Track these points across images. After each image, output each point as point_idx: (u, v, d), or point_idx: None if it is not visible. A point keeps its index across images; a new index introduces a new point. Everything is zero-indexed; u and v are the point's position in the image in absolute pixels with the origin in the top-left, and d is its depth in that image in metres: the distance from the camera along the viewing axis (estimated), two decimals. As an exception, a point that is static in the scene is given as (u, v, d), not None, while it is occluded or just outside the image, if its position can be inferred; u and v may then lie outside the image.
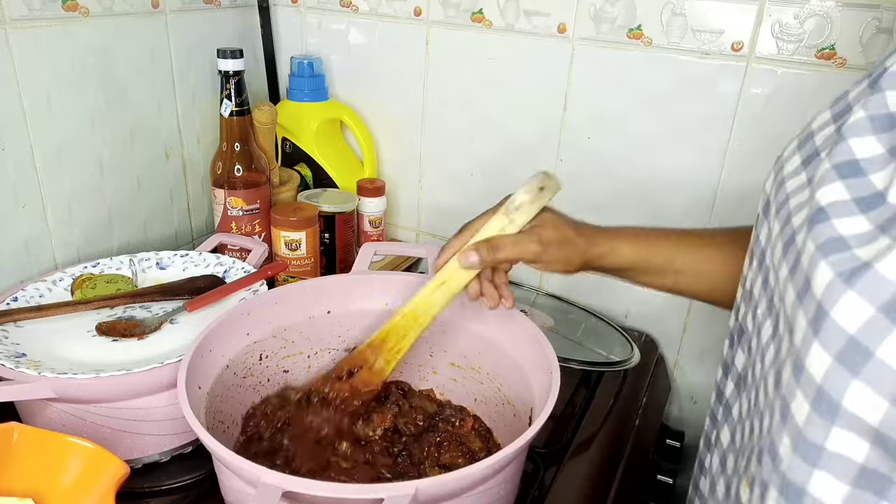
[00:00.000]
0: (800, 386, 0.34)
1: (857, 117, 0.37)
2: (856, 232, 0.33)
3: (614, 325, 0.93)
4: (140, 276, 0.79)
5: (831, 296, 0.32)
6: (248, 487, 0.46)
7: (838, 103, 0.42)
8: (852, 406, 0.31)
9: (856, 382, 0.30)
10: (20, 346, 0.63)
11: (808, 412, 0.33)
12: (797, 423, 0.34)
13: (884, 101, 0.36)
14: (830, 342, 0.32)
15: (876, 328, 0.30)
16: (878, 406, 0.30)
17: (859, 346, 0.30)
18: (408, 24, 0.97)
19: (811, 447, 0.33)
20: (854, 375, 0.30)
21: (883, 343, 0.29)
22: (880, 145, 0.35)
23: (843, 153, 0.36)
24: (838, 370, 0.31)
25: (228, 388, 0.61)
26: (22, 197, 0.76)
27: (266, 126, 0.90)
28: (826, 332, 0.32)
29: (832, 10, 0.73)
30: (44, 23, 0.74)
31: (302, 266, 0.87)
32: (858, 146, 0.36)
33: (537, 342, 0.60)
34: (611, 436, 0.76)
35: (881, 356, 0.29)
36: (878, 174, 0.34)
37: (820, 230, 0.35)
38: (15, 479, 0.49)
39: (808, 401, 0.33)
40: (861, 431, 0.31)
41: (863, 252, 0.32)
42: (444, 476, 0.44)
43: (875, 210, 0.33)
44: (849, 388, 0.31)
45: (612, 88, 0.87)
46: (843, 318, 0.31)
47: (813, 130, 0.42)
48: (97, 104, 0.82)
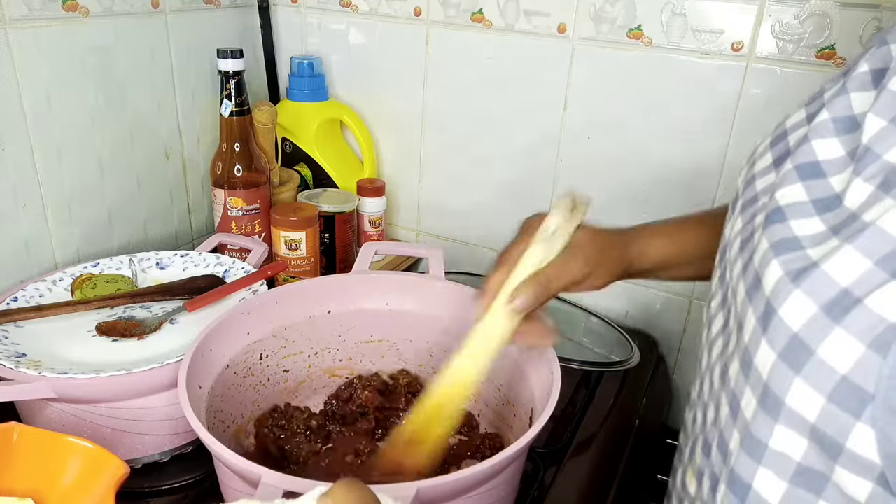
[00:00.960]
0: (748, 383, 0.34)
1: (822, 119, 0.37)
2: (809, 233, 0.33)
3: (614, 325, 0.93)
4: (140, 276, 0.78)
5: (779, 294, 0.32)
6: (248, 487, 0.46)
7: (813, 102, 0.42)
8: (794, 403, 0.31)
9: (797, 380, 0.31)
10: (20, 346, 0.63)
11: (755, 409, 0.34)
12: (745, 419, 0.35)
13: (848, 102, 0.36)
14: (776, 340, 0.32)
15: (818, 326, 0.30)
16: (815, 402, 0.30)
17: (802, 344, 0.30)
18: (408, 24, 0.97)
19: (756, 444, 0.34)
20: (796, 373, 0.31)
21: (824, 342, 0.29)
22: (842, 147, 0.35)
23: (805, 154, 0.36)
24: (782, 368, 0.31)
25: (229, 388, 0.61)
26: (22, 197, 0.76)
27: (266, 126, 0.90)
28: (773, 330, 0.32)
29: (832, 10, 0.73)
30: (44, 23, 0.74)
31: (302, 266, 0.87)
32: (821, 148, 0.36)
33: (537, 342, 0.60)
34: (611, 436, 0.76)
35: (821, 354, 0.29)
36: (838, 176, 0.34)
37: (775, 230, 0.35)
38: (15, 479, 0.49)
39: (756, 397, 0.34)
40: (800, 429, 0.31)
41: (813, 252, 0.32)
42: (444, 477, 0.44)
43: (831, 212, 0.33)
44: (791, 385, 0.31)
45: (612, 88, 0.87)
46: (789, 315, 0.31)
47: (787, 129, 0.42)
48: (97, 104, 0.82)
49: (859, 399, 0.28)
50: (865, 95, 0.35)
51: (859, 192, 0.32)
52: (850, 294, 0.29)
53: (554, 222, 0.52)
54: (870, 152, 0.32)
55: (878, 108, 0.33)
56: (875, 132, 0.32)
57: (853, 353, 0.28)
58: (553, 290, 0.51)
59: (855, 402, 0.28)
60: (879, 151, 0.32)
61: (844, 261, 0.30)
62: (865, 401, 0.28)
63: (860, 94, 0.35)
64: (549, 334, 0.53)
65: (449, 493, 0.46)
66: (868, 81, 0.35)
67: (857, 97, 0.35)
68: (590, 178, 0.93)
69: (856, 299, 0.29)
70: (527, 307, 0.50)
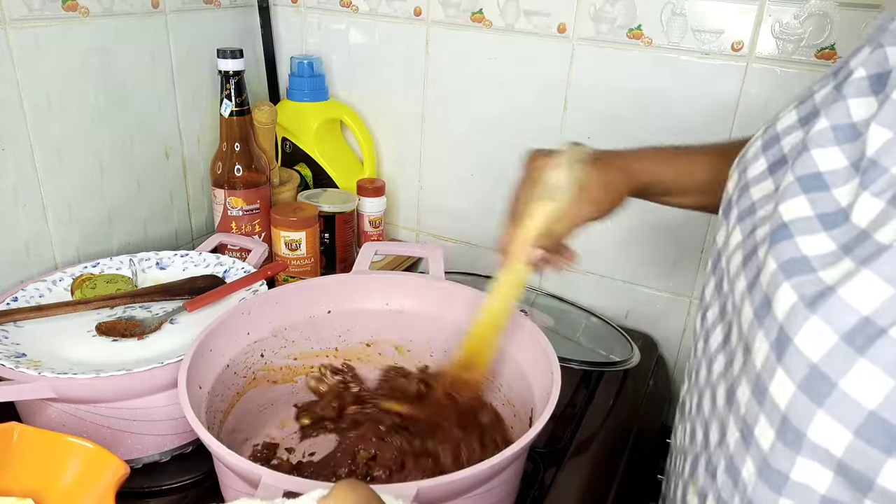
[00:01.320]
0: (763, 411, 0.33)
1: (821, 127, 0.35)
2: (819, 252, 0.32)
3: (614, 325, 0.93)
4: (140, 276, 0.78)
5: (794, 321, 0.31)
6: (248, 487, 0.46)
7: (804, 104, 0.40)
8: (817, 437, 0.30)
9: (820, 413, 0.29)
10: (20, 346, 0.63)
11: (773, 440, 0.33)
12: (762, 449, 0.34)
13: (846, 109, 0.35)
14: (794, 370, 0.31)
15: (839, 357, 0.29)
16: (842, 437, 0.29)
17: (823, 376, 0.29)
18: (408, 24, 0.97)
19: (776, 475, 0.33)
20: (818, 406, 0.30)
21: (846, 375, 0.28)
22: (844, 157, 0.34)
23: (806, 165, 0.35)
24: (802, 400, 0.30)
25: (229, 388, 0.61)
26: (22, 197, 0.76)
27: (266, 126, 0.90)
28: (789, 359, 0.31)
29: (832, 10, 0.73)
30: (44, 23, 0.74)
31: (302, 266, 0.87)
32: (822, 158, 0.35)
33: (537, 342, 0.60)
34: (611, 436, 0.76)
35: (844, 388, 0.28)
36: (842, 189, 0.33)
37: (782, 248, 0.34)
38: (15, 479, 0.49)
39: (773, 428, 0.33)
40: (825, 461, 0.30)
41: (826, 275, 0.31)
42: (444, 477, 0.44)
43: (838, 228, 0.32)
44: (813, 418, 0.30)
45: (612, 88, 0.87)
46: (807, 345, 0.30)
47: (779, 133, 0.41)
48: (97, 104, 0.82)
49: (890, 435, 0.27)
50: (864, 102, 0.34)
51: (869, 208, 0.31)
52: (873, 323, 0.28)
53: (557, 177, 0.55)
54: (876, 165, 0.31)
55: (882, 118, 0.32)
56: (881, 144, 0.31)
57: (881, 387, 0.27)
58: (563, 238, 0.56)
59: (886, 438, 0.27)
60: (887, 165, 0.31)
61: (863, 287, 0.29)
62: None
63: (859, 101, 0.34)
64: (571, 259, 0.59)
65: (449, 493, 0.46)
66: (866, 87, 0.34)
67: (856, 103, 0.34)
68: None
69: (880, 329, 0.28)
70: (541, 259, 0.56)
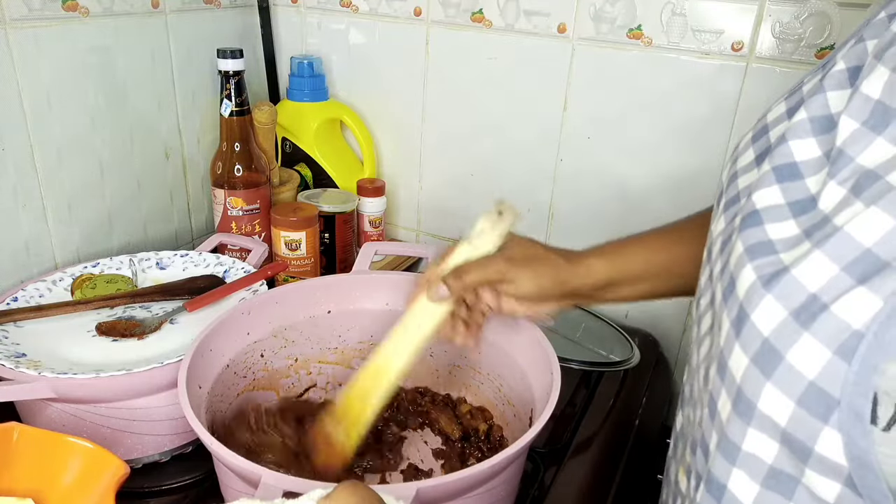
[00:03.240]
0: (724, 385, 0.35)
1: (800, 118, 0.36)
2: (783, 236, 0.33)
3: (614, 325, 0.93)
4: (140, 276, 0.78)
5: (751, 298, 0.33)
6: (248, 487, 0.46)
7: (793, 95, 0.41)
8: (765, 407, 0.31)
9: (768, 385, 0.31)
10: (20, 346, 0.63)
11: (729, 411, 0.34)
12: (721, 421, 0.35)
13: (825, 101, 0.36)
14: (748, 344, 0.32)
15: (787, 332, 0.30)
16: (786, 407, 0.30)
17: (772, 349, 0.31)
18: (408, 24, 0.97)
19: (731, 445, 0.34)
20: (767, 378, 0.31)
21: (792, 347, 0.30)
22: (818, 148, 0.35)
23: (783, 155, 0.36)
24: (754, 372, 0.32)
25: (229, 388, 0.61)
26: (22, 197, 0.76)
27: (266, 126, 0.90)
28: (745, 334, 0.32)
29: (832, 10, 0.73)
30: (44, 23, 0.74)
31: (302, 266, 0.87)
32: (798, 148, 0.36)
33: (537, 342, 0.60)
34: (611, 436, 0.76)
35: (790, 360, 0.30)
36: (813, 178, 0.34)
37: (751, 233, 0.35)
38: (15, 479, 0.49)
39: (731, 400, 0.34)
40: (772, 432, 0.32)
41: (786, 256, 0.32)
42: (444, 477, 0.44)
43: (806, 215, 0.33)
44: (763, 389, 0.31)
45: (612, 88, 0.87)
46: (761, 320, 0.32)
47: (767, 124, 0.42)
48: (97, 104, 0.82)
49: (826, 404, 0.29)
50: (842, 94, 0.35)
51: (833, 195, 0.32)
52: (818, 300, 0.29)
53: (479, 225, 0.56)
54: (843, 155, 0.32)
55: (850, 110, 0.33)
56: (848, 134, 0.32)
57: (820, 359, 0.29)
58: (468, 281, 0.54)
59: (822, 407, 0.29)
60: (852, 154, 0.32)
61: (814, 266, 0.30)
62: (832, 406, 0.28)
63: (837, 93, 0.35)
64: (476, 336, 0.57)
65: (449, 493, 0.46)
66: (844, 80, 0.35)
67: (834, 96, 0.35)
68: (589, 177, 0.93)
69: (822, 305, 0.29)
70: (442, 295, 0.54)
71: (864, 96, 0.32)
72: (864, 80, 0.33)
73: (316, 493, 0.32)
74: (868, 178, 0.30)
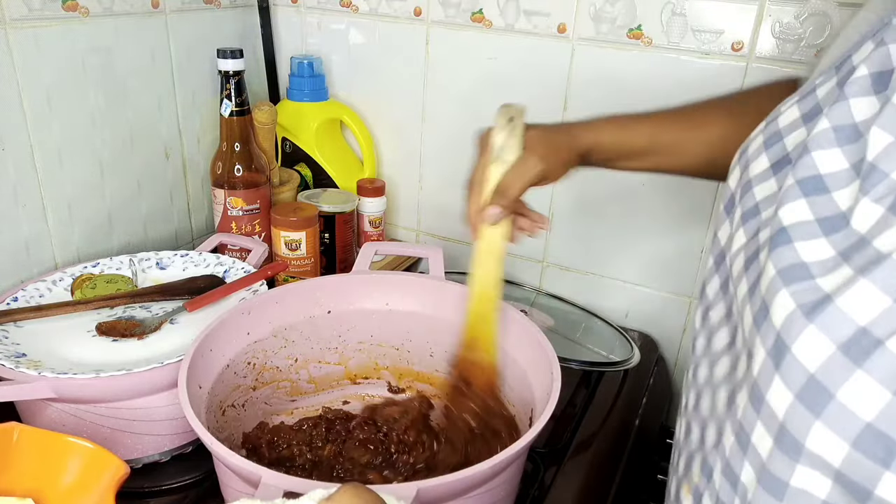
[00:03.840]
0: (760, 418, 0.33)
1: (822, 127, 0.35)
2: (818, 258, 0.32)
3: (614, 325, 0.93)
4: (140, 276, 0.78)
5: (791, 329, 0.31)
6: (248, 487, 0.46)
7: (806, 99, 0.40)
8: (815, 447, 0.30)
9: (818, 424, 0.29)
10: (20, 346, 0.63)
11: (770, 447, 0.32)
12: (760, 456, 0.33)
13: (848, 109, 0.34)
14: (791, 379, 0.30)
15: (836, 368, 0.28)
16: (839, 448, 0.29)
17: (820, 387, 0.29)
18: (408, 24, 0.97)
19: (776, 482, 0.32)
20: (816, 416, 0.29)
21: (843, 385, 0.28)
22: (844, 159, 0.33)
23: (806, 167, 0.34)
24: (800, 410, 0.30)
25: (229, 388, 0.61)
26: (22, 197, 0.76)
27: (266, 126, 0.90)
28: (787, 368, 0.31)
29: (832, 10, 0.73)
30: (44, 23, 0.74)
31: (302, 266, 0.87)
32: (822, 160, 0.34)
33: (537, 342, 0.60)
34: (611, 436, 0.76)
35: (841, 399, 0.28)
36: (842, 192, 0.33)
37: (781, 253, 0.33)
38: (15, 479, 0.49)
39: (771, 436, 0.32)
40: (824, 471, 0.30)
41: (825, 282, 0.31)
42: (444, 477, 0.44)
43: (838, 233, 0.32)
44: (811, 429, 0.30)
45: (612, 88, 0.87)
46: (804, 354, 0.30)
47: (781, 130, 0.40)
48: (97, 104, 0.82)
49: (886, 448, 0.27)
50: (866, 101, 0.34)
51: (868, 213, 0.30)
52: (870, 334, 0.27)
53: (499, 139, 0.58)
54: (876, 170, 0.31)
55: (882, 121, 0.31)
56: (881, 148, 0.31)
57: (878, 400, 0.27)
58: (515, 193, 0.56)
59: (882, 450, 0.27)
60: (887, 170, 0.30)
61: (861, 296, 0.28)
62: (893, 450, 0.27)
63: (860, 101, 0.34)
64: (541, 221, 0.60)
65: (449, 493, 0.46)
66: (868, 86, 0.34)
67: (858, 103, 0.34)
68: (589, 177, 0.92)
69: (876, 340, 0.27)
70: (498, 216, 0.56)
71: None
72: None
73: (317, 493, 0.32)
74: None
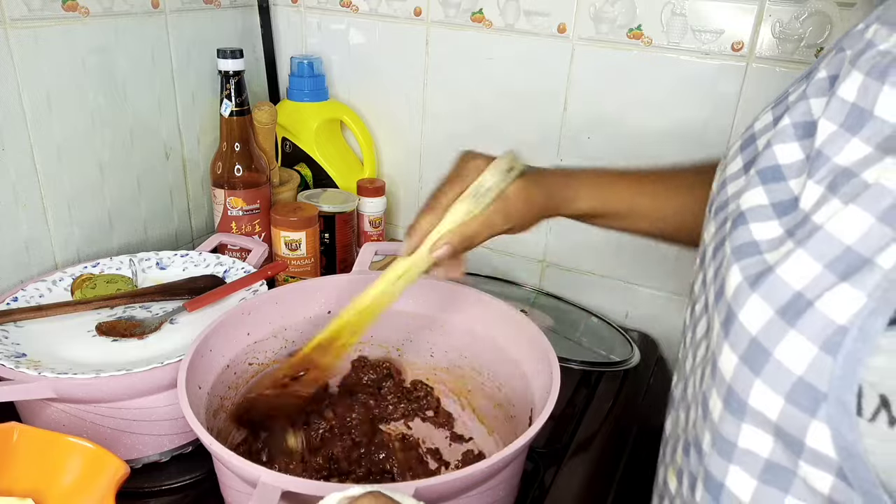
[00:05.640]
0: (715, 384, 0.36)
1: (784, 124, 0.38)
2: (768, 237, 0.35)
3: (614, 325, 0.93)
4: (140, 276, 0.79)
5: (738, 299, 0.34)
6: (247, 487, 0.46)
7: (779, 105, 0.42)
8: (756, 404, 0.32)
9: (757, 381, 0.32)
10: (20, 346, 0.63)
11: (721, 409, 0.35)
12: (714, 420, 0.36)
13: (808, 108, 0.37)
14: (737, 343, 0.33)
15: (774, 329, 0.31)
16: (776, 402, 0.31)
17: (760, 347, 0.32)
18: (408, 24, 0.97)
19: (726, 443, 0.35)
20: (756, 375, 0.32)
21: (779, 344, 0.31)
22: (801, 151, 0.36)
23: (767, 159, 0.38)
24: (743, 370, 0.33)
25: (229, 388, 0.61)
26: (22, 197, 0.76)
27: (266, 126, 0.90)
28: (734, 334, 0.34)
29: (832, 10, 0.73)
30: (44, 23, 0.74)
31: (302, 266, 0.87)
32: (781, 152, 0.37)
33: (537, 342, 0.60)
34: (611, 436, 0.76)
35: (778, 356, 0.31)
36: (796, 180, 0.35)
37: (738, 234, 0.36)
38: (15, 479, 0.49)
39: (721, 398, 0.35)
40: (765, 427, 0.33)
41: (770, 256, 0.33)
42: (443, 476, 0.44)
43: (788, 215, 0.34)
44: (752, 386, 0.32)
45: (612, 88, 0.87)
46: (748, 319, 0.33)
47: (755, 133, 0.43)
48: (97, 104, 0.82)
49: (814, 398, 0.30)
50: (822, 101, 0.36)
51: (811, 193, 0.33)
52: (803, 297, 0.30)
53: (488, 182, 0.55)
54: (821, 155, 0.33)
55: (828, 113, 0.34)
56: (826, 136, 0.33)
57: (807, 355, 0.30)
58: (474, 243, 0.55)
59: (810, 401, 0.30)
60: (829, 154, 0.33)
61: (797, 264, 0.31)
62: (819, 400, 0.29)
63: (818, 100, 0.36)
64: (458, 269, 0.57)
65: (448, 493, 0.47)
66: (825, 87, 0.37)
67: (816, 102, 0.37)
68: (590, 178, 0.93)
69: (807, 302, 0.30)
70: (446, 257, 0.54)
71: (841, 100, 0.34)
72: (841, 85, 0.34)
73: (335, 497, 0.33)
74: (844, 175, 0.31)
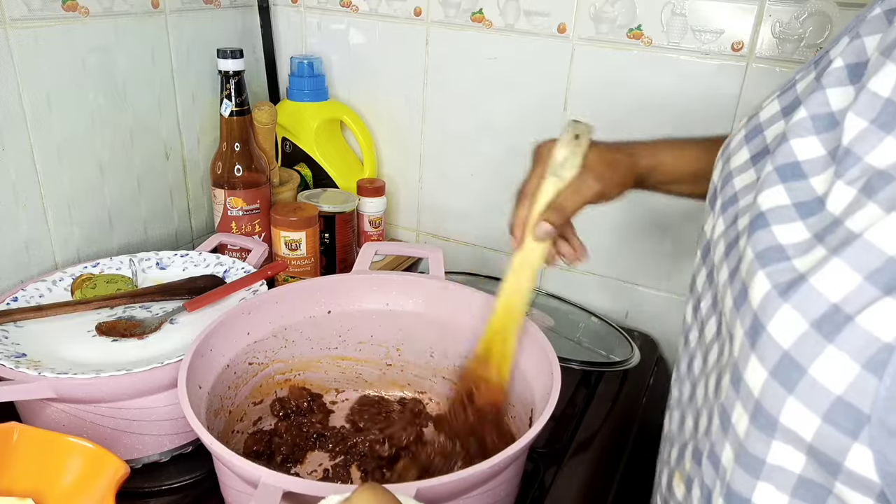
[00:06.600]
0: (739, 398, 0.34)
1: (800, 117, 0.36)
2: (794, 241, 0.32)
3: (614, 325, 0.93)
4: (140, 276, 0.78)
5: (767, 308, 0.31)
6: (248, 487, 0.46)
7: (786, 94, 0.41)
8: (788, 422, 0.30)
9: (791, 399, 0.30)
10: (20, 346, 0.63)
11: (747, 425, 0.33)
12: (738, 435, 0.34)
13: (825, 98, 0.35)
14: (766, 356, 0.31)
15: (809, 344, 0.29)
16: (811, 422, 0.29)
17: (793, 363, 0.30)
18: (408, 24, 0.97)
19: (753, 460, 0.33)
20: (789, 392, 0.30)
21: (816, 361, 0.29)
22: (822, 146, 0.34)
23: (785, 155, 0.35)
24: (774, 386, 0.31)
25: (229, 388, 0.61)
26: (22, 197, 0.76)
27: (266, 126, 0.90)
28: (762, 346, 0.31)
29: (832, 10, 0.73)
30: (44, 23, 0.74)
31: (302, 266, 0.87)
32: (800, 147, 0.35)
33: (537, 342, 0.60)
34: (611, 436, 0.76)
35: (813, 374, 0.29)
36: (819, 177, 0.34)
37: (759, 237, 0.34)
38: (15, 479, 0.49)
39: (748, 414, 0.33)
40: (798, 446, 0.31)
41: (800, 263, 0.31)
42: (444, 477, 0.44)
43: (814, 216, 0.32)
44: (785, 404, 0.30)
45: (612, 88, 0.87)
46: (779, 332, 0.31)
47: (761, 123, 0.41)
48: (97, 104, 0.82)
49: (855, 420, 0.28)
50: (842, 91, 0.34)
51: (842, 196, 0.31)
52: (841, 311, 0.28)
53: (561, 154, 0.56)
54: (851, 154, 0.31)
55: (857, 108, 0.32)
56: (856, 133, 0.31)
57: (847, 374, 0.28)
58: (570, 212, 0.56)
59: (851, 422, 0.28)
60: (860, 153, 0.31)
61: (833, 275, 0.29)
62: (862, 422, 0.27)
63: (837, 90, 0.35)
64: (580, 251, 0.59)
65: (449, 493, 0.46)
66: (844, 77, 0.35)
67: (834, 93, 0.35)
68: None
69: (847, 316, 0.28)
70: (548, 234, 0.55)
71: (873, 94, 0.31)
72: (872, 78, 0.32)
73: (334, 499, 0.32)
74: (881, 178, 0.29)
